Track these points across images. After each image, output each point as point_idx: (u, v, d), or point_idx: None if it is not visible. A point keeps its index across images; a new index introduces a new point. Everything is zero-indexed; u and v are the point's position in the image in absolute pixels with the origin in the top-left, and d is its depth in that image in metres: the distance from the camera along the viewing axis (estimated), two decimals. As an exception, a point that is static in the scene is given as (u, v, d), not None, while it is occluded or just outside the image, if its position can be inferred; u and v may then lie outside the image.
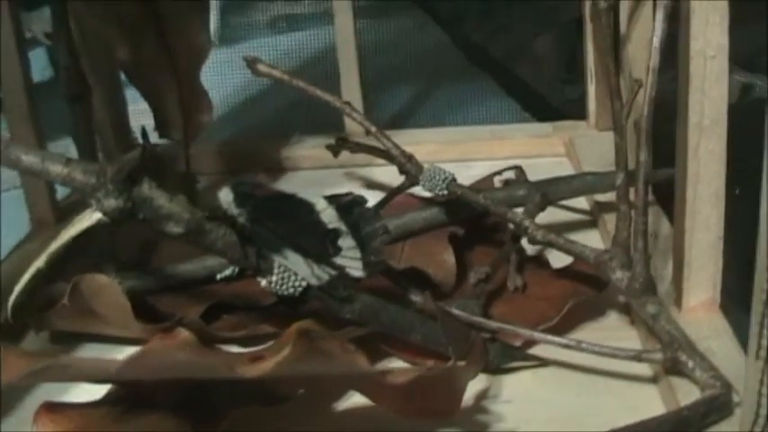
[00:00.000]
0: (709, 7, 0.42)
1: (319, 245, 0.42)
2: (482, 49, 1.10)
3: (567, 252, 0.48)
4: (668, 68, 0.45)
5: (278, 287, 0.41)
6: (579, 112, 0.76)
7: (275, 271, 0.41)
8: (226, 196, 0.41)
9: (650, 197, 0.46)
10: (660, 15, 0.43)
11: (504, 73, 1.05)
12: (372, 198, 0.59)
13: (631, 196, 0.46)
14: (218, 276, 0.50)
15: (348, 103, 0.57)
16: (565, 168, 0.70)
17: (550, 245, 0.48)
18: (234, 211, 0.40)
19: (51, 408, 0.41)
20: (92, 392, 0.43)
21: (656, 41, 0.43)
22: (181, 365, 0.38)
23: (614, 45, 0.50)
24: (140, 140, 0.64)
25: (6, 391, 0.46)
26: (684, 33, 0.43)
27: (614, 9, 0.50)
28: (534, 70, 1.01)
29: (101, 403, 0.42)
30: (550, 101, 0.95)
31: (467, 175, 0.66)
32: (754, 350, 0.30)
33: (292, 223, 0.42)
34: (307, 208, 0.43)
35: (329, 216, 0.43)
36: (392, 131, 0.79)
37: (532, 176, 0.62)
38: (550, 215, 0.62)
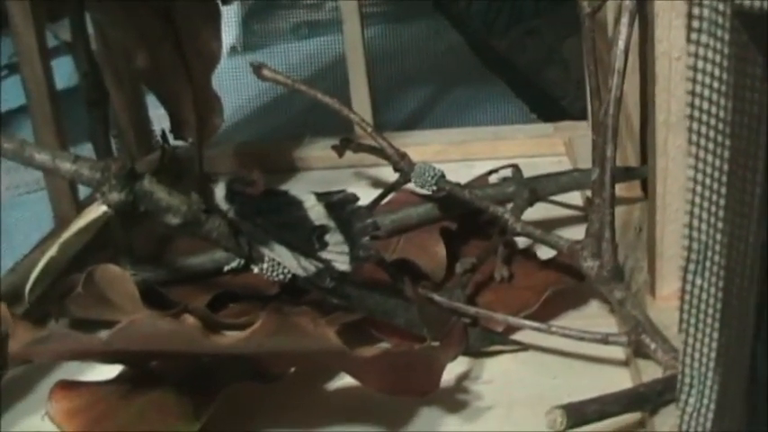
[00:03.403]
0: (672, 11, 0.45)
1: (305, 239, 0.45)
2: (498, 52, 1.12)
3: (543, 242, 0.51)
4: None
5: (269, 274, 0.45)
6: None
7: (266, 259, 0.44)
8: (219, 192, 0.44)
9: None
10: (625, 19, 0.45)
11: (519, 77, 1.07)
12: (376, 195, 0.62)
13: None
14: (226, 268, 0.53)
15: (346, 106, 0.60)
16: (564, 167, 0.72)
17: (528, 236, 0.51)
18: (224, 206, 0.44)
19: (65, 385, 0.45)
20: (105, 373, 0.47)
21: (621, 44, 0.45)
22: (162, 334, 0.41)
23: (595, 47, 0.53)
24: (161, 143, 0.68)
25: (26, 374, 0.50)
26: (650, 36, 0.46)
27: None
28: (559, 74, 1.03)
29: (110, 382, 0.46)
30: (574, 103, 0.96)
31: (470, 173, 0.69)
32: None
33: (280, 219, 0.45)
34: (296, 205, 0.46)
35: (317, 213, 0.46)
36: (401, 133, 0.83)
37: (532, 174, 0.64)
38: (547, 211, 0.65)
